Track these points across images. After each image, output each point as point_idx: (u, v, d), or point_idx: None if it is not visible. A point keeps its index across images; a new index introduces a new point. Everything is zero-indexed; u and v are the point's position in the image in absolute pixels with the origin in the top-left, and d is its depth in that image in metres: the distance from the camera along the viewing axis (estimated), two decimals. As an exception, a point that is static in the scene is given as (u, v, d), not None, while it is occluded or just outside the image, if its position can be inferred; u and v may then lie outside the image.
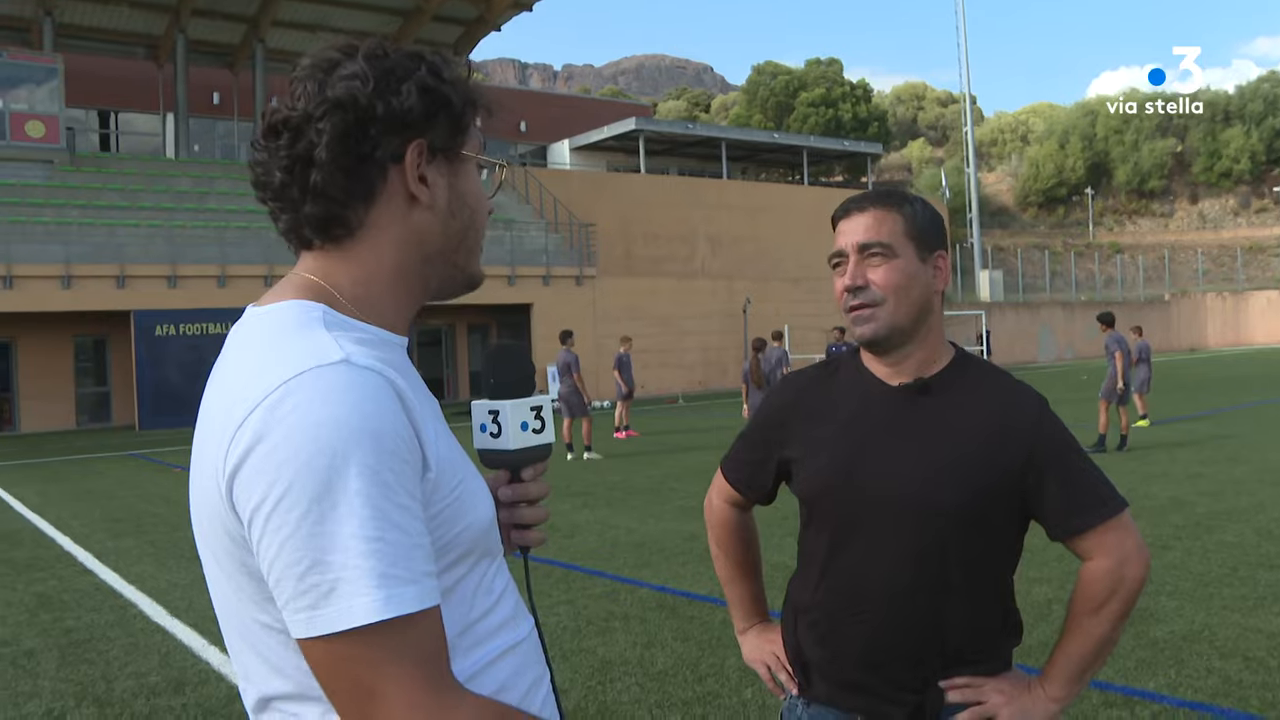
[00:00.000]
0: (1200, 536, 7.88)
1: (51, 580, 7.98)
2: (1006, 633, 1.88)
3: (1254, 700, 4.46)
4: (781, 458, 1.96)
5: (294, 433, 1.02)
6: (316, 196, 1.19)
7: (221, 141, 39.58)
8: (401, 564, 1.03)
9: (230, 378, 1.13)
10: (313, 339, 1.10)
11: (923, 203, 1.89)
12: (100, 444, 21.93)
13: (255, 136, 1.23)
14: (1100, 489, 1.79)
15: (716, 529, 2.15)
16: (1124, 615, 1.78)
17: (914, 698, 1.80)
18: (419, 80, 1.20)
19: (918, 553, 1.78)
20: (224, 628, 1.22)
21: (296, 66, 1.23)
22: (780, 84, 75.62)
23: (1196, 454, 13.00)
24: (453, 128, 1.25)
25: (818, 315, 37.34)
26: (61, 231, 25.97)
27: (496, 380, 1.38)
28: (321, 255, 1.23)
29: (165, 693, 5.15)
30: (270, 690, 1.15)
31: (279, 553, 1.03)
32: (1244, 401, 21.11)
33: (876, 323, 1.81)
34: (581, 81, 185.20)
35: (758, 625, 2.14)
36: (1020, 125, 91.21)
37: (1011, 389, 1.86)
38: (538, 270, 31.23)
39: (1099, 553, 1.77)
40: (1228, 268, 70.40)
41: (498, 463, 1.39)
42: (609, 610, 6.33)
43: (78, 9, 32.85)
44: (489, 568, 1.25)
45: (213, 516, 1.11)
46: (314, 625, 1.02)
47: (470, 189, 1.29)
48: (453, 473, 1.15)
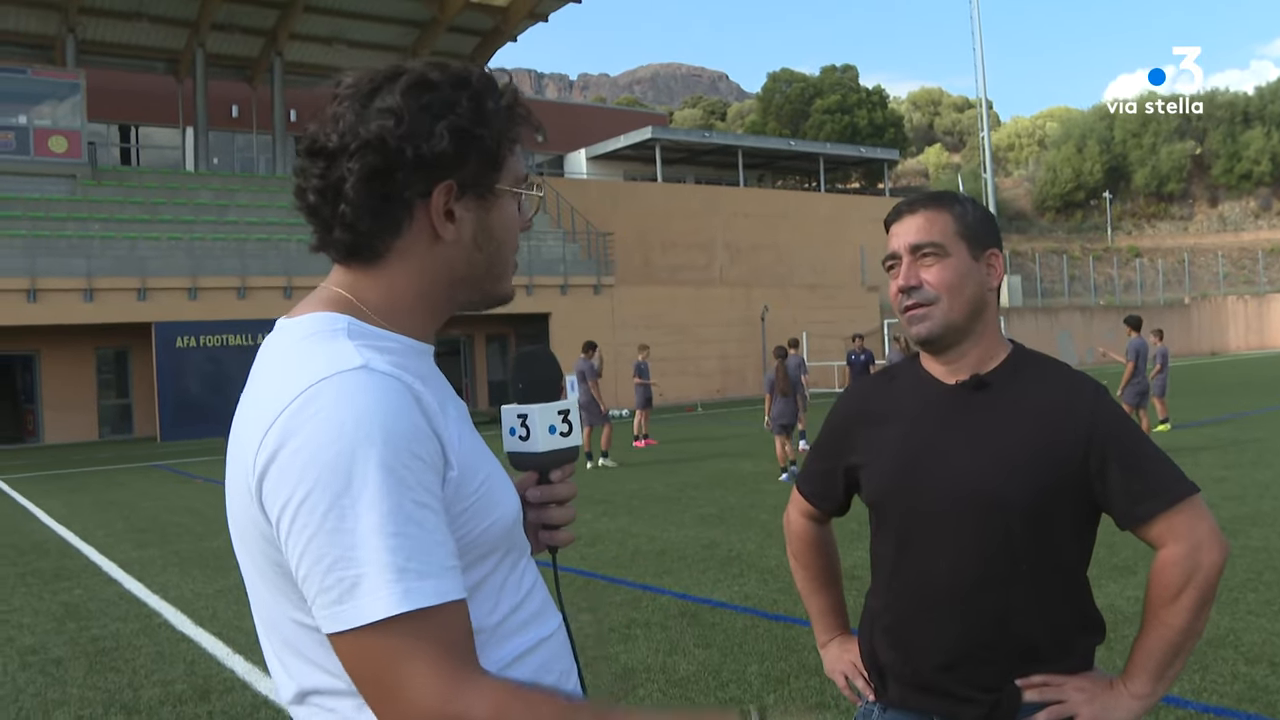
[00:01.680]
0: (1224, 541, 7.82)
1: (78, 590, 8.05)
2: (1084, 630, 1.83)
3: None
4: (848, 465, 1.98)
5: (316, 435, 1.07)
6: (344, 226, 1.22)
7: (241, 154, 39.90)
8: (419, 558, 1.07)
9: (260, 386, 1.18)
10: (335, 347, 1.15)
11: (973, 202, 1.90)
12: (123, 455, 22.08)
13: (301, 149, 1.26)
14: (1166, 473, 1.76)
15: (795, 543, 2.16)
16: (1204, 604, 1.71)
17: (989, 697, 1.77)
18: (453, 122, 1.21)
19: (983, 549, 1.77)
20: (261, 628, 1.26)
21: (340, 81, 1.24)
22: (796, 91, 75.64)
23: (1220, 458, 12.92)
24: (485, 166, 1.26)
25: (835, 322, 37.27)
26: (84, 245, 26.21)
27: (525, 385, 1.42)
28: (350, 271, 1.27)
29: (191, 700, 5.19)
30: (308, 684, 1.18)
31: (305, 550, 1.07)
32: (1267, 405, 20.93)
33: (931, 321, 1.82)
34: (597, 91, 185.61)
35: (839, 638, 2.14)
36: (1037, 130, 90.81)
37: (1068, 379, 1.85)
38: (556, 280, 31.31)
39: (1170, 539, 1.73)
40: (1249, 270, 69.87)
41: (527, 465, 1.42)
42: (630, 617, 6.35)
43: (99, 25, 33.22)
44: (516, 564, 1.28)
45: (246, 519, 1.16)
46: (338, 620, 1.07)
47: (499, 221, 1.30)
48: (476, 471, 1.19)
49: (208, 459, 19.77)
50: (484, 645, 1.19)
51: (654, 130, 45.66)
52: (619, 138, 46.36)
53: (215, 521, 11.36)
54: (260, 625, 1.26)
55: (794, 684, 4.95)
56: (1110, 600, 6.00)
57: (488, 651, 1.20)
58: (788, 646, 5.58)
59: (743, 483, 11.75)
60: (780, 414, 12.84)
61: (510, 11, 35.55)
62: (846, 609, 2.19)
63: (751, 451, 16.50)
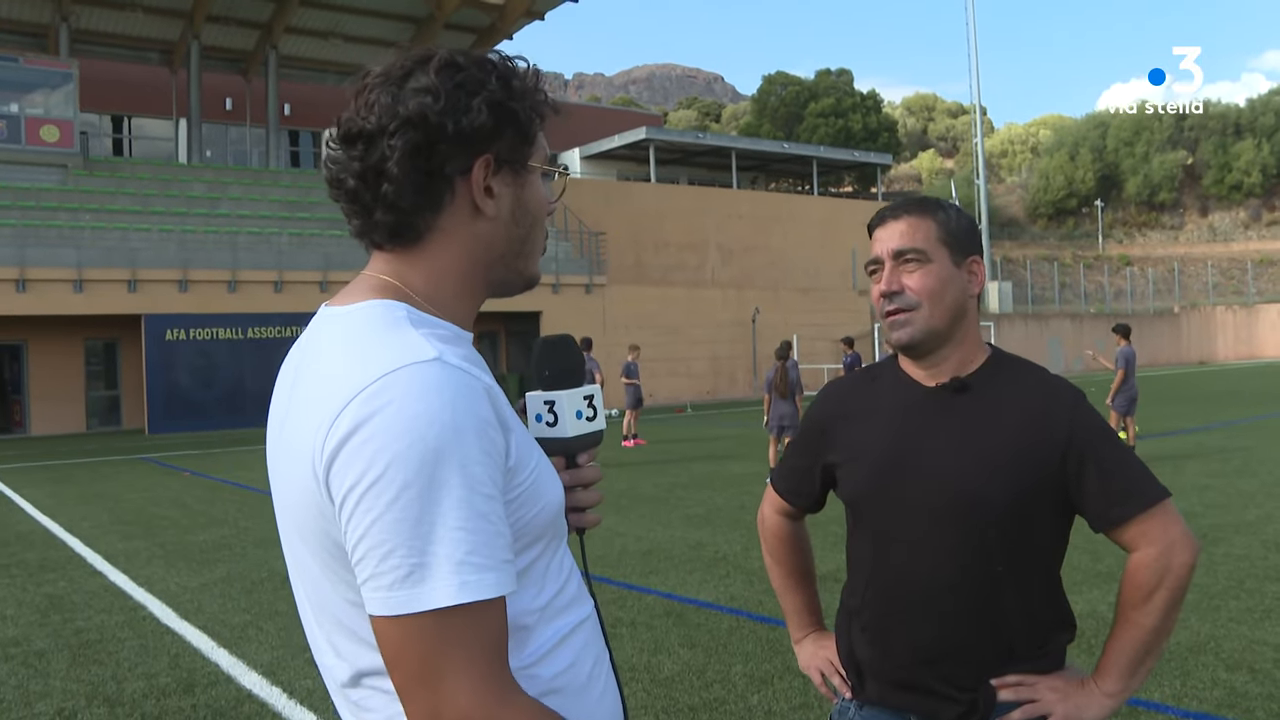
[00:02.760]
0: (1207, 549, 7.87)
1: (62, 581, 8.03)
2: (1059, 628, 1.87)
3: (1259, 712, 4.47)
4: (826, 464, 2.00)
5: (391, 423, 1.08)
6: (387, 206, 1.24)
7: (234, 147, 39.82)
8: (482, 551, 1.09)
9: (325, 370, 1.18)
10: (404, 337, 1.16)
11: (956, 209, 1.92)
12: (110, 447, 22.02)
13: (330, 138, 1.28)
14: (1140, 478, 1.79)
15: (769, 540, 2.18)
16: (1174, 604, 1.75)
17: (966, 695, 1.80)
18: (488, 96, 1.24)
19: (963, 549, 1.79)
20: (311, 613, 1.27)
21: (367, 75, 1.27)
22: (790, 94, 75.67)
23: (1205, 466, 12.98)
24: (519, 141, 1.29)
25: (826, 325, 37.35)
26: (74, 235, 26.14)
27: (551, 372, 1.46)
28: (392, 257, 1.29)
29: (175, 694, 5.18)
30: (364, 665, 1.20)
31: (366, 533, 1.08)
32: (1254, 415, 21.04)
33: (912, 327, 1.84)
34: (592, 90, 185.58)
35: (814, 634, 2.16)
36: (1030, 137, 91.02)
37: (1047, 384, 1.88)
38: (548, 278, 31.30)
39: (1143, 542, 1.76)
40: (1238, 280, 70.17)
41: (555, 450, 1.44)
42: (616, 616, 6.36)
43: (93, 15, 33.12)
44: (559, 549, 1.31)
45: (307, 501, 1.16)
46: (391, 605, 1.07)
47: (534, 198, 1.33)
48: (528, 459, 1.22)
49: (195, 452, 19.72)
50: (532, 627, 1.23)
51: (648, 131, 45.67)
52: (613, 137, 46.37)
53: (202, 515, 11.34)
54: (311, 610, 1.27)
55: (778, 684, 4.97)
56: (1093, 606, 6.03)
57: (535, 633, 1.23)
58: (772, 647, 5.59)
59: (731, 484, 11.74)
60: (782, 415, 12.70)
61: (507, 9, 35.53)
62: (821, 606, 2.21)
63: (740, 453, 16.53)
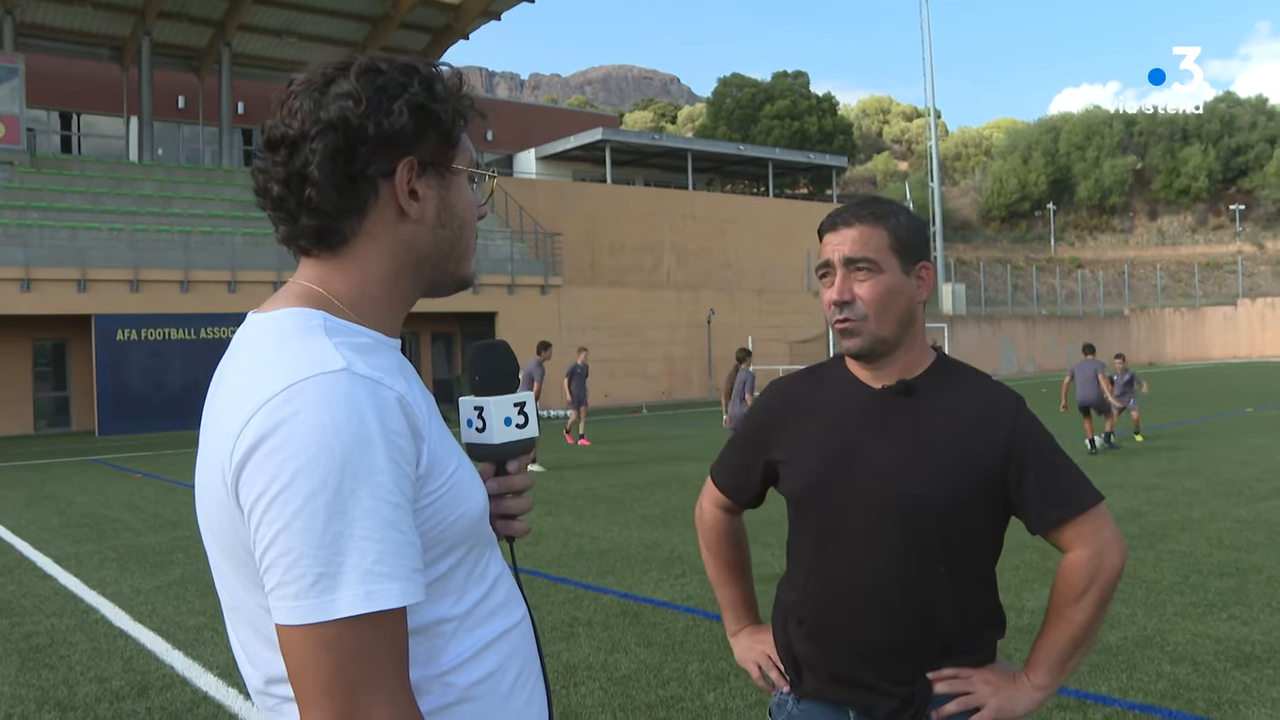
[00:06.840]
0: (1154, 545, 8.04)
1: (10, 585, 7.91)
2: (992, 625, 1.93)
3: (1200, 702, 4.59)
4: (768, 460, 2.02)
5: (297, 433, 1.08)
6: (311, 210, 1.25)
7: (186, 146, 39.30)
8: (389, 560, 1.09)
9: (237, 379, 1.19)
10: (315, 345, 1.17)
11: (907, 214, 1.94)
12: (59, 449, 21.65)
13: (257, 147, 1.29)
14: (1077, 483, 1.85)
15: (707, 533, 2.20)
16: (1103, 603, 1.83)
17: (903, 689, 1.84)
18: (410, 99, 1.25)
19: (905, 549, 1.83)
20: (230, 617, 1.28)
21: (291, 82, 1.28)
22: (746, 96, 75.88)
23: (1153, 465, 13.24)
24: (442, 143, 1.31)
25: (781, 327, 37.61)
26: (21, 234, 25.67)
27: (481, 376, 1.45)
28: (318, 263, 1.30)
29: (129, 697, 5.13)
30: (275, 671, 1.20)
31: (272, 542, 1.08)
32: (1200, 415, 21.46)
33: (862, 337, 1.88)
34: (548, 91, 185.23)
35: (749, 627, 2.18)
36: (984, 140, 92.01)
37: (989, 389, 1.92)
38: (503, 279, 31.23)
39: (1078, 544, 1.82)
40: (1186, 283, 71.49)
41: (484, 456, 1.45)
42: (572, 616, 6.38)
43: (39, 8, 32.53)
44: (482, 556, 1.31)
45: (219, 508, 1.17)
46: (296, 613, 1.07)
47: (460, 200, 1.34)
48: (444, 465, 1.21)
49: (147, 454, 19.45)
50: (451, 635, 1.22)
51: (604, 132, 45.62)
52: (569, 138, 46.29)
53: (154, 517, 11.20)
54: (228, 614, 1.27)
55: (733, 682, 5.02)
56: (1043, 603, 6.13)
57: (454, 640, 1.23)
58: (728, 646, 5.61)
59: (686, 484, 11.73)
60: (735, 416, 12.81)
61: (463, 9, 35.39)
62: (757, 600, 2.24)
63: (696, 454, 16.59)
